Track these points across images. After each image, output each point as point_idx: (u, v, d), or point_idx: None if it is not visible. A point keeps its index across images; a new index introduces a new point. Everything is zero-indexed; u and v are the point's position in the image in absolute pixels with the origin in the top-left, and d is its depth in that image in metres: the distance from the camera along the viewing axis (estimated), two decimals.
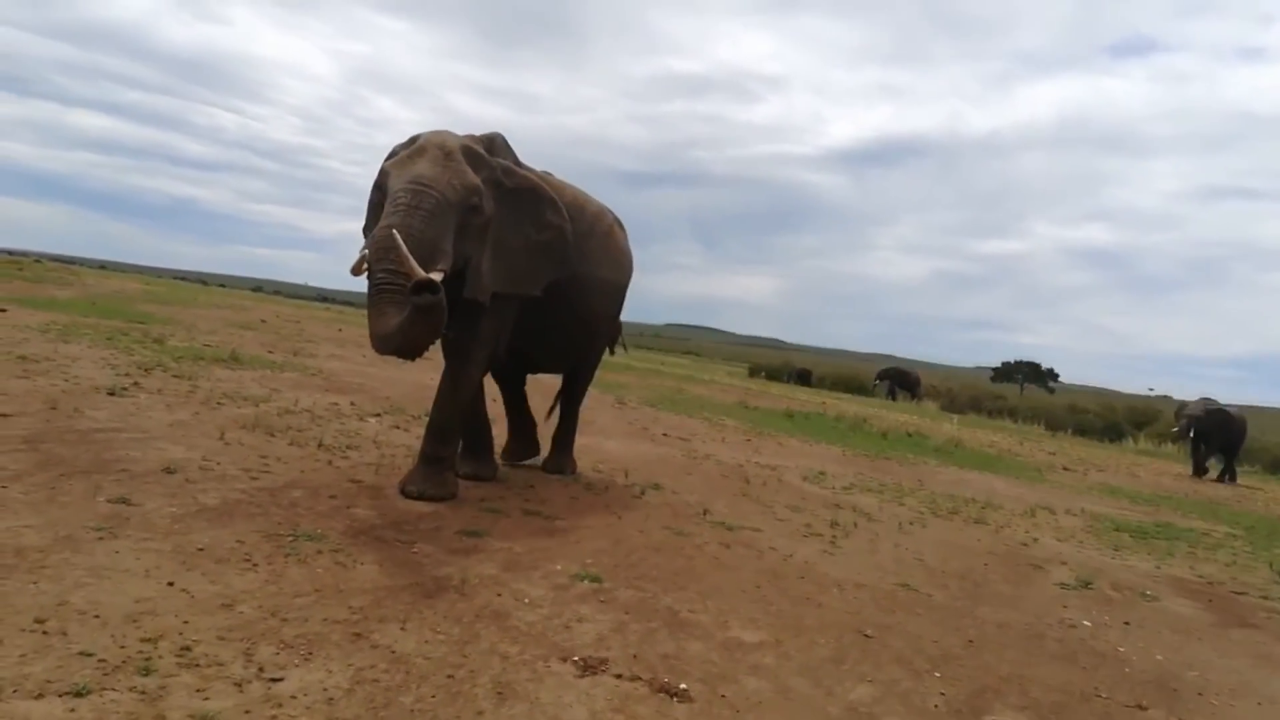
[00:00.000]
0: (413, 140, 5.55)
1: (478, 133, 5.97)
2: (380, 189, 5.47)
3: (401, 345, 4.81)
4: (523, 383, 7.57)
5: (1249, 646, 5.35)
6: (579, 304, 6.70)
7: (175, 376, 8.59)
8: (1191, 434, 18.87)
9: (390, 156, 5.57)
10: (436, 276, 4.76)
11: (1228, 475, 18.77)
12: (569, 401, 7.64)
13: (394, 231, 4.73)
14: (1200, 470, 18.90)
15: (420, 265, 4.69)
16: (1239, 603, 6.50)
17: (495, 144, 5.95)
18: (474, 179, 5.41)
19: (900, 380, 37.25)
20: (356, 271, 4.98)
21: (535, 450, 7.61)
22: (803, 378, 41.20)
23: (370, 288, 4.91)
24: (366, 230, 5.67)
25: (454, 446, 5.95)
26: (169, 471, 5.09)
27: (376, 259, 4.83)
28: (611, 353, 8.26)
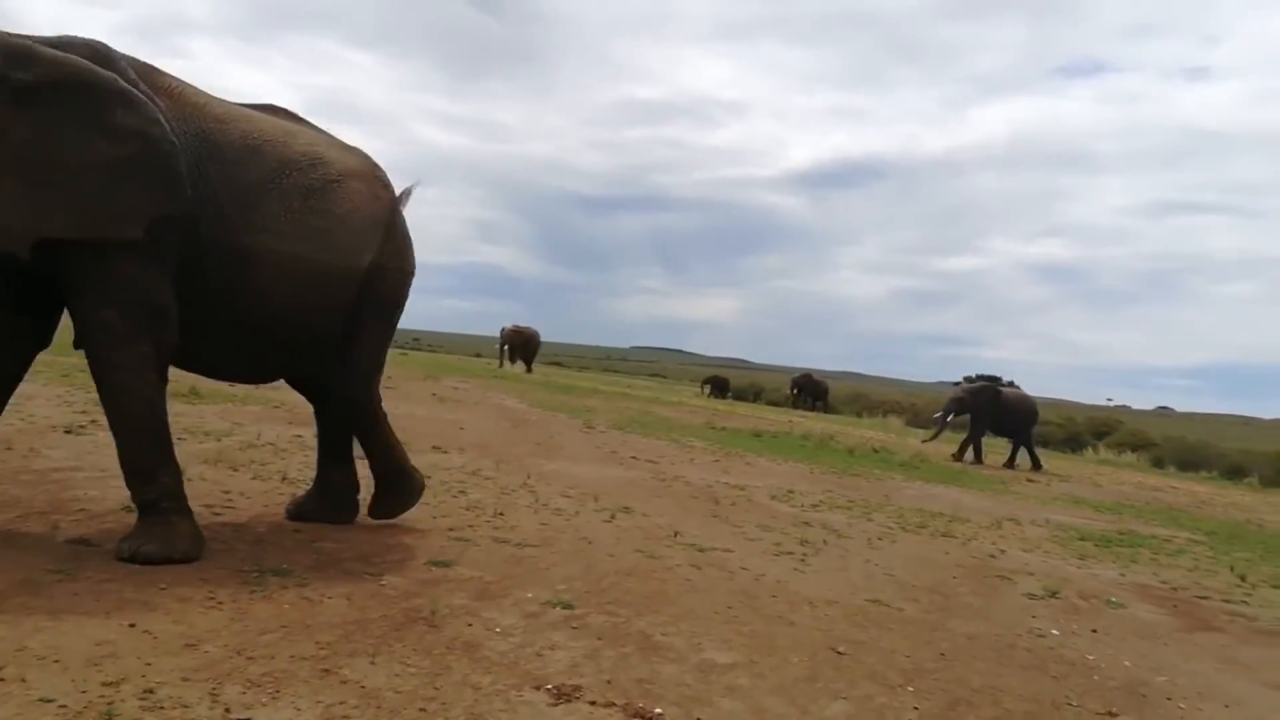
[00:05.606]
0: None
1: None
2: None
3: None
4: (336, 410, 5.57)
5: (1214, 650, 5.44)
6: (240, 293, 4.56)
7: None
8: (950, 418, 18.08)
9: None
10: None
11: (1015, 461, 17.56)
12: (352, 431, 5.65)
13: None
14: (962, 450, 17.46)
15: None
16: (1202, 607, 6.62)
17: (74, 46, 3.97)
18: None
19: (810, 389, 40.28)
20: None
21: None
22: (719, 387, 41.40)
23: None
24: None
25: (165, 483, 4.37)
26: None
27: None
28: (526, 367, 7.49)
